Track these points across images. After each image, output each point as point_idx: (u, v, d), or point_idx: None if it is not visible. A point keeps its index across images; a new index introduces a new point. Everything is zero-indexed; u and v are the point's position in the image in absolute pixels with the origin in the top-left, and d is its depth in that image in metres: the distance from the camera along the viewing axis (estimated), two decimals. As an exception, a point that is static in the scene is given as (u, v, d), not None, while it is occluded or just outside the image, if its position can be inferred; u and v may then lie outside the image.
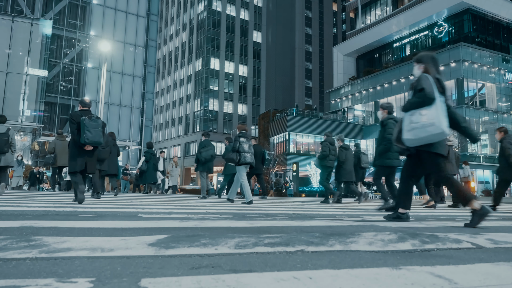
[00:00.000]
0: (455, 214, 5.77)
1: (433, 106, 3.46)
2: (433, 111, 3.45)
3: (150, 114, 41.03)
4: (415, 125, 3.53)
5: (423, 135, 3.48)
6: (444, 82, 3.70)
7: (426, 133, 3.46)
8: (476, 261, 1.81)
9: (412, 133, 3.55)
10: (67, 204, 5.38)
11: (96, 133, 5.83)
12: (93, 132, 5.78)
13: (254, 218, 3.75)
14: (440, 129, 3.42)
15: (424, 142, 3.54)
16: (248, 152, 7.38)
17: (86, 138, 5.72)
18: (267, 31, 72.28)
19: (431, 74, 3.66)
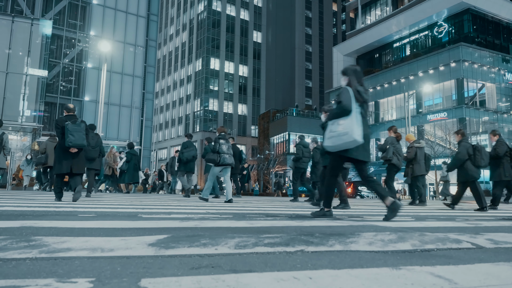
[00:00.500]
0: (455, 214, 5.77)
1: (349, 117, 3.89)
2: (348, 121, 3.88)
3: (150, 114, 41.03)
4: (333, 133, 4.00)
5: (339, 143, 3.94)
6: (365, 94, 4.10)
7: (341, 141, 3.91)
8: (476, 261, 1.81)
9: (331, 141, 4.02)
10: (67, 204, 5.38)
11: (79, 136, 6.26)
12: (76, 136, 6.21)
13: (254, 218, 3.75)
14: (352, 138, 3.84)
15: (340, 148, 4.00)
16: (227, 154, 7.77)
17: (70, 142, 6.16)
18: (267, 31, 72.30)
19: (353, 86, 4.06)
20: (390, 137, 8.57)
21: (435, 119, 39.18)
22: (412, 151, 8.96)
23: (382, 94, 46.05)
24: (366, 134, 4.02)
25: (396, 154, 8.28)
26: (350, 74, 4.15)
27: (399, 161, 8.33)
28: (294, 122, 45.38)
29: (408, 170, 9.16)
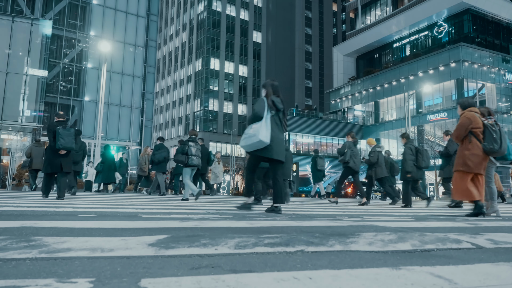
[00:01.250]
0: (455, 214, 5.77)
1: (260, 122, 4.54)
2: (258, 125, 4.53)
3: (150, 114, 41.03)
4: (245, 135, 4.65)
5: (249, 143, 4.59)
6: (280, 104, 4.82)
7: (250, 141, 4.56)
8: (476, 261, 1.82)
9: (244, 142, 4.66)
10: (67, 204, 5.38)
11: (69, 139, 6.99)
12: (66, 139, 6.94)
13: (254, 218, 3.75)
14: (258, 139, 4.48)
15: (251, 148, 4.65)
16: (195, 155, 8.33)
17: (60, 144, 6.88)
18: (267, 31, 72.31)
19: (268, 97, 4.81)
20: (348, 141, 9.13)
21: (435, 119, 39.19)
22: (375, 155, 9.39)
23: (382, 94, 46.05)
24: (278, 137, 4.67)
25: (353, 157, 8.78)
26: (268, 87, 4.92)
27: (355, 164, 8.84)
28: (294, 122, 45.36)
29: (371, 173, 9.51)
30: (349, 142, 9.07)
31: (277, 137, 4.64)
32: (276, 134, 4.64)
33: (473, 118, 5.06)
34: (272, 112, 4.72)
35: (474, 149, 4.98)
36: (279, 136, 4.69)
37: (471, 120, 5.05)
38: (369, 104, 49.05)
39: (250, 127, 4.64)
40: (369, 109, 49.72)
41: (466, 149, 5.06)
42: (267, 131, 4.52)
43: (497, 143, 4.86)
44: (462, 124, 5.11)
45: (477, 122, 5.03)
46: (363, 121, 50.28)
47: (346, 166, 8.83)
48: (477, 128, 5.01)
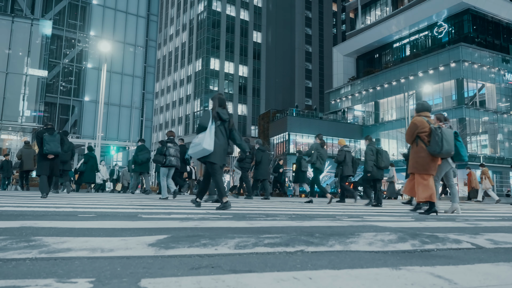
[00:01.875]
0: (455, 215, 5.77)
1: (205, 132, 5.12)
2: (203, 135, 5.11)
3: (150, 114, 41.02)
4: (192, 144, 5.24)
5: (195, 151, 5.18)
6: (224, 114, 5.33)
7: (196, 150, 5.15)
8: (476, 261, 1.82)
9: (191, 150, 5.27)
10: (67, 204, 5.38)
11: (54, 145, 7.75)
12: (51, 144, 7.70)
13: (254, 219, 3.75)
14: (201, 147, 5.07)
15: (197, 156, 5.27)
16: (173, 156, 8.71)
17: (46, 150, 7.67)
18: (267, 32, 72.31)
19: (214, 109, 5.34)
20: (315, 143, 9.57)
21: (435, 119, 39.17)
22: (342, 154, 9.78)
23: (382, 94, 46.05)
24: (221, 145, 5.27)
25: (319, 158, 9.27)
26: (214, 100, 5.47)
27: (321, 164, 9.36)
28: (294, 122, 45.36)
29: (338, 171, 9.97)
30: (316, 144, 9.50)
31: (220, 144, 5.26)
32: (220, 141, 5.26)
33: (420, 123, 5.39)
34: (218, 123, 5.30)
35: (421, 152, 5.35)
36: (223, 143, 5.32)
37: (418, 125, 5.40)
38: (369, 104, 49.05)
39: (196, 136, 5.24)
40: (369, 109, 49.72)
41: (415, 152, 5.45)
42: (211, 140, 5.13)
43: (439, 145, 5.17)
44: (409, 129, 5.51)
45: (423, 127, 5.36)
46: (363, 121, 50.28)
47: (314, 167, 9.30)
48: (423, 133, 5.34)
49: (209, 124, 5.20)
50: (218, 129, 5.28)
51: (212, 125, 5.21)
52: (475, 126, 37.98)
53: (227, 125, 5.42)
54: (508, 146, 39.02)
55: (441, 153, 5.22)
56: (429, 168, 5.34)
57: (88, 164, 13.91)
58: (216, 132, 5.23)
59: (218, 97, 5.50)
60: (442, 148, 5.17)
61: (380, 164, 8.46)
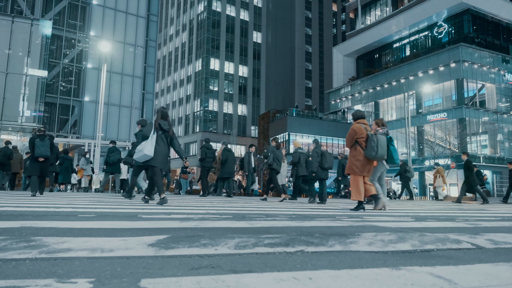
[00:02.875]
0: (455, 215, 5.77)
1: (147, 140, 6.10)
2: (145, 143, 6.07)
3: (150, 114, 41.00)
4: (136, 150, 6.20)
5: (138, 156, 6.12)
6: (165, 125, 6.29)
7: (138, 155, 6.10)
8: (476, 261, 1.82)
9: (135, 155, 6.23)
10: (67, 204, 5.38)
11: (44, 149, 8.82)
12: (41, 148, 8.78)
13: (254, 219, 3.75)
14: (143, 153, 6.01)
15: (140, 160, 6.22)
16: None
17: (37, 153, 8.74)
18: (267, 32, 72.30)
19: (157, 121, 6.27)
20: (272, 146, 10.34)
21: (435, 119, 39.19)
22: (296, 155, 10.45)
23: (382, 95, 46.05)
24: (161, 150, 6.14)
25: (275, 160, 10.04)
26: (158, 113, 6.42)
27: (278, 165, 10.12)
28: (294, 122, 45.36)
29: (293, 171, 10.67)
30: (272, 147, 10.25)
31: (161, 150, 6.14)
32: (161, 148, 6.16)
33: (358, 129, 5.97)
34: (159, 132, 6.22)
35: (358, 155, 5.94)
36: (163, 150, 6.21)
37: (357, 131, 5.98)
38: (369, 105, 49.04)
39: (140, 144, 6.21)
40: (369, 109, 49.70)
41: (352, 156, 6.04)
42: (152, 146, 6.04)
43: (374, 150, 5.77)
44: (349, 134, 6.08)
45: (361, 133, 5.95)
46: (363, 121, 50.25)
47: (271, 168, 10.07)
48: (361, 138, 5.92)
49: (151, 133, 6.16)
50: (160, 138, 6.20)
51: (154, 134, 6.15)
52: (475, 126, 37.97)
53: (168, 134, 6.34)
54: (508, 146, 39.02)
55: (376, 157, 5.83)
56: (365, 170, 5.93)
57: (63, 165, 14.73)
58: (157, 140, 6.16)
59: (161, 111, 6.48)
60: (377, 152, 5.79)
61: (324, 165, 9.35)
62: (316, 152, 9.42)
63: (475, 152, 37.02)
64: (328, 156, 9.45)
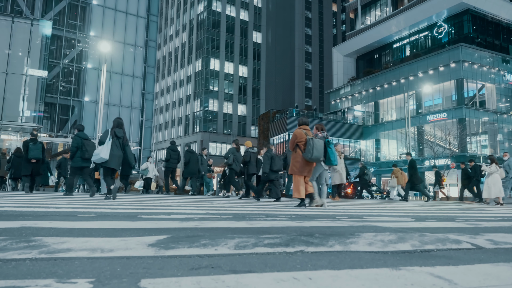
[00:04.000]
0: (455, 215, 5.77)
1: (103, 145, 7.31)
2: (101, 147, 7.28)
3: (150, 114, 41.02)
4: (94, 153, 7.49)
5: (96, 158, 7.36)
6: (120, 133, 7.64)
7: (96, 158, 7.34)
8: (476, 261, 1.82)
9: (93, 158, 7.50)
10: (67, 204, 5.38)
11: (37, 152, 10.28)
12: (34, 152, 10.22)
13: (253, 219, 3.75)
14: (99, 156, 7.25)
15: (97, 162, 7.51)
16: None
17: (30, 155, 10.20)
18: (266, 32, 72.31)
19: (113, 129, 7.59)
20: (232, 147, 11.28)
21: (435, 119, 39.20)
22: (247, 155, 11.13)
23: (381, 95, 46.05)
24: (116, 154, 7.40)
25: (235, 161, 10.99)
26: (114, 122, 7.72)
27: (237, 166, 11.04)
28: (294, 122, 45.28)
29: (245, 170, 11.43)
30: (232, 149, 11.24)
31: (115, 154, 7.40)
32: (115, 152, 7.41)
33: (299, 134, 6.65)
34: (114, 139, 7.46)
35: (297, 158, 6.57)
36: (117, 153, 7.48)
37: (297, 136, 6.66)
38: (369, 105, 49.05)
39: (97, 148, 7.45)
40: (369, 109, 49.71)
41: (293, 158, 6.67)
42: (107, 151, 7.27)
43: (310, 153, 6.40)
44: (291, 139, 6.77)
45: (301, 138, 6.61)
46: (363, 121, 50.27)
47: (230, 168, 11.03)
48: (300, 142, 6.59)
49: (107, 139, 7.34)
50: (114, 144, 7.44)
51: (109, 140, 7.36)
52: (475, 126, 37.97)
53: (121, 141, 7.61)
54: (508, 146, 39.02)
55: (312, 158, 6.46)
56: (304, 171, 6.57)
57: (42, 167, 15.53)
58: (112, 145, 7.38)
59: (117, 121, 7.74)
60: (312, 154, 6.42)
61: (273, 168, 10.22)
62: (267, 156, 10.32)
63: (475, 152, 37.03)
64: (277, 160, 10.46)
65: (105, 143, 7.24)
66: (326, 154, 6.76)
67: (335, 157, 6.87)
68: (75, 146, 8.98)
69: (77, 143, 8.95)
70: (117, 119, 7.68)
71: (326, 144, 6.77)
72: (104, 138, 7.33)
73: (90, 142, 9.39)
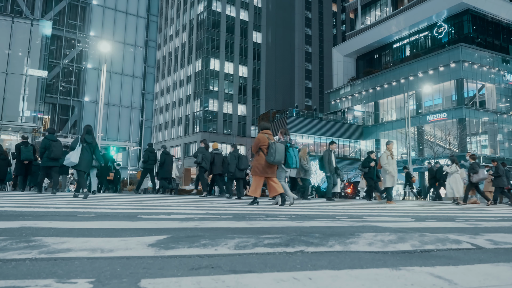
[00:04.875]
0: (455, 215, 5.77)
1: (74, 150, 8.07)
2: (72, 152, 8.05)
3: (150, 114, 41.01)
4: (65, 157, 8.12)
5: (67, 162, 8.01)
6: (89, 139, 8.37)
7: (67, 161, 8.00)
8: (476, 261, 1.82)
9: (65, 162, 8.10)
10: (67, 204, 5.38)
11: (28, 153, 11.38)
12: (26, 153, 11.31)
13: (253, 219, 3.75)
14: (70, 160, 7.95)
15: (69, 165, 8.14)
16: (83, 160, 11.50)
17: (23, 157, 11.21)
18: (266, 32, 72.31)
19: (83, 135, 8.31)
20: (201, 147, 11.99)
21: (435, 119, 39.20)
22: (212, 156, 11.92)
23: (381, 95, 46.05)
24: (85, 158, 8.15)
25: (204, 159, 11.67)
26: (84, 130, 8.42)
27: (206, 164, 11.68)
28: (294, 122, 45.34)
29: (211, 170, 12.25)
30: (201, 148, 11.95)
31: (84, 158, 8.17)
32: (85, 156, 8.19)
33: (262, 138, 7.11)
34: (84, 145, 8.22)
35: (260, 160, 7.03)
36: (86, 157, 8.23)
37: (260, 140, 7.10)
38: (369, 105, 49.05)
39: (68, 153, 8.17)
40: (369, 109, 49.72)
41: (256, 160, 7.12)
42: (77, 155, 8.02)
43: (272, 156, 6.85)
44: (255, 142, 7.18)
45: (264, 142, 7.07)
46: (363, 121, 50.28)
47: (200, 166, 11.71)
48: (263, 145, 7.05)
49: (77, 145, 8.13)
50: (84, 148, 8.23)
51: (79, 146, 8.14)
52: (475, 126, 37.97)
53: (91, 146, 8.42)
54: (508, 146, 39.01)
55: (274, 161, 6.92)
56: (266, 172, 7.01)
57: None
58: (82, 150, 8.15)
59: (87, 128, 8.45)
60: (274, 158, 6.88)
61: (240, 167, 10.83)
62: (234, 156, 10.94)
63: (475, 152, 37.01)
64: (244, 159, 11.01)
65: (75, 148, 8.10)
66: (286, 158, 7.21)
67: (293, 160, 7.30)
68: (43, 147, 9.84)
69: (45, 144, 9.80)
70: (87, 126, 8.46)
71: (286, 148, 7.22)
72: (75, 144, 8.21)
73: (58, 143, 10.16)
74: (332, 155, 12.06)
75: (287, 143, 7.38)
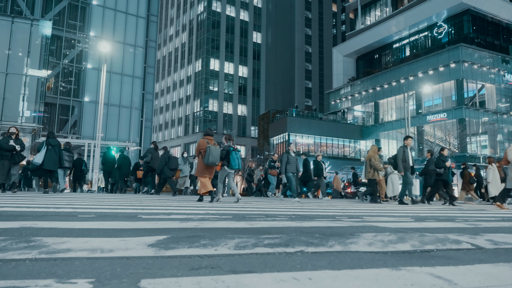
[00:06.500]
0: (455, 215, 5.77)
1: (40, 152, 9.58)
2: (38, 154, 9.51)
3: (150, 114, 41.02)
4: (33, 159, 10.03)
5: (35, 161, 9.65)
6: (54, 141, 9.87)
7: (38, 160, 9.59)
8: (476, 261, 1.82)
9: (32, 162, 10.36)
10: (67, 204, 5.38)
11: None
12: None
13: (253, 219, 3.75)
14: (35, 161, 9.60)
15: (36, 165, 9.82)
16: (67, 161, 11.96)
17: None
18: (266, 32, 72.32)
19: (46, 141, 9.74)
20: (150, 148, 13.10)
21: (435, 119, 39.21)
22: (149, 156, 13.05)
23: (381, 95, 46.05)
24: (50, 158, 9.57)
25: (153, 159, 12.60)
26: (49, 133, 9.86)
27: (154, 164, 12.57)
28: (294, 122, 45.34)
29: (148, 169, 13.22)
30: (151, 149, 13.14)
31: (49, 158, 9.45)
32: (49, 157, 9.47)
33: (201, 143, 7.96)
34: (49, 147, 9.54)
35: (199, 162, 7.98)
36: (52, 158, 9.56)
37: (200, 145, 7.97)
38: (369, 105, 49.06)
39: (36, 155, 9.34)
40: (369, 109, 49.73)
41: (197, 162, 8.11)
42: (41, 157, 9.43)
43: (207, 158, 7.72)
44: (196, 147, 8.10)
45: (202, 146, 7.93)
46: (363, 121, 50.29)
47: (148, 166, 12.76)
48: (202, 149, 7.92)
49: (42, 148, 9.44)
50: (49, 151, 9.58)
51: (43, 149, 9.50)
52: (474, 126, 37.97)
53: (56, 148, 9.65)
54: (508, 146, 39.04)
55: (208, 163, 7.77)
56: (204, 173, 7.94)
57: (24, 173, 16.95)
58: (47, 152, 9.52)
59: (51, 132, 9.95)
60: (208, 160, 7.73)
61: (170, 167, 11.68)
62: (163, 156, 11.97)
63: (475, 153, 37.03)
64: (173, 160, 12.07)
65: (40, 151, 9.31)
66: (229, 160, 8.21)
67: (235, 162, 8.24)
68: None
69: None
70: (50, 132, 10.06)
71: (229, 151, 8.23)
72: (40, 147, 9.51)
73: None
74: (408, 151, 10.49)
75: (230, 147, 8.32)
